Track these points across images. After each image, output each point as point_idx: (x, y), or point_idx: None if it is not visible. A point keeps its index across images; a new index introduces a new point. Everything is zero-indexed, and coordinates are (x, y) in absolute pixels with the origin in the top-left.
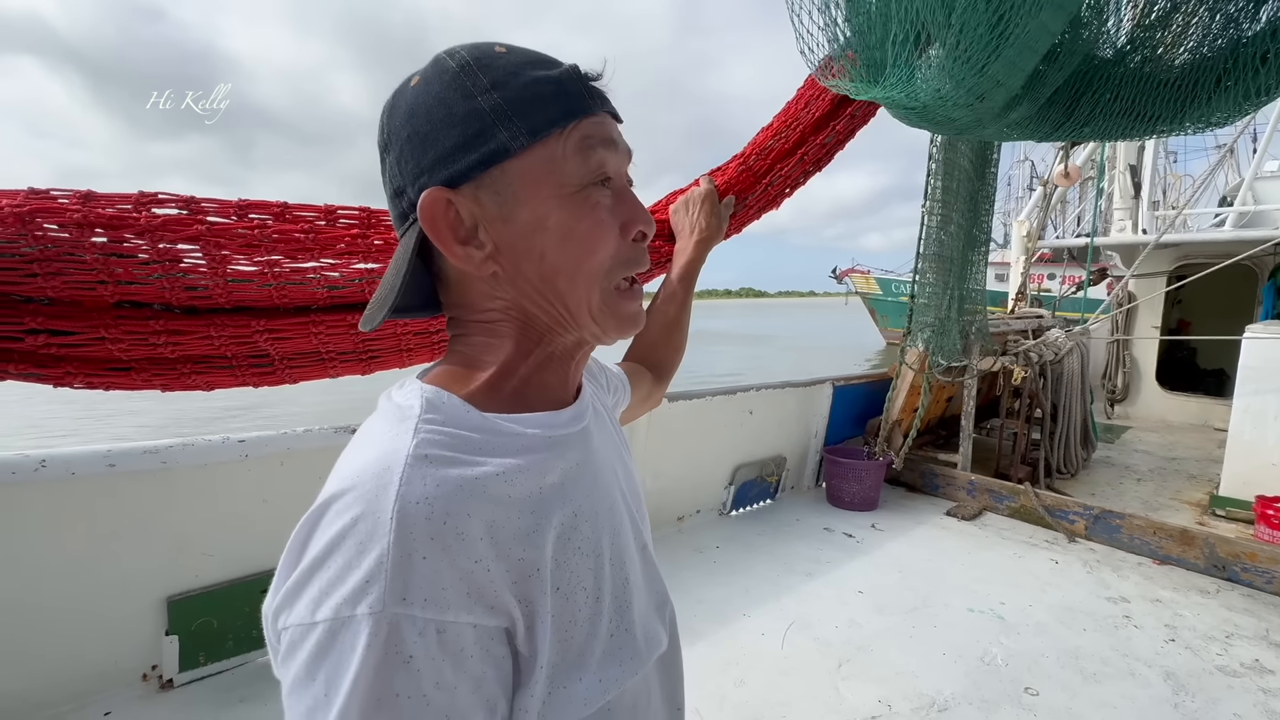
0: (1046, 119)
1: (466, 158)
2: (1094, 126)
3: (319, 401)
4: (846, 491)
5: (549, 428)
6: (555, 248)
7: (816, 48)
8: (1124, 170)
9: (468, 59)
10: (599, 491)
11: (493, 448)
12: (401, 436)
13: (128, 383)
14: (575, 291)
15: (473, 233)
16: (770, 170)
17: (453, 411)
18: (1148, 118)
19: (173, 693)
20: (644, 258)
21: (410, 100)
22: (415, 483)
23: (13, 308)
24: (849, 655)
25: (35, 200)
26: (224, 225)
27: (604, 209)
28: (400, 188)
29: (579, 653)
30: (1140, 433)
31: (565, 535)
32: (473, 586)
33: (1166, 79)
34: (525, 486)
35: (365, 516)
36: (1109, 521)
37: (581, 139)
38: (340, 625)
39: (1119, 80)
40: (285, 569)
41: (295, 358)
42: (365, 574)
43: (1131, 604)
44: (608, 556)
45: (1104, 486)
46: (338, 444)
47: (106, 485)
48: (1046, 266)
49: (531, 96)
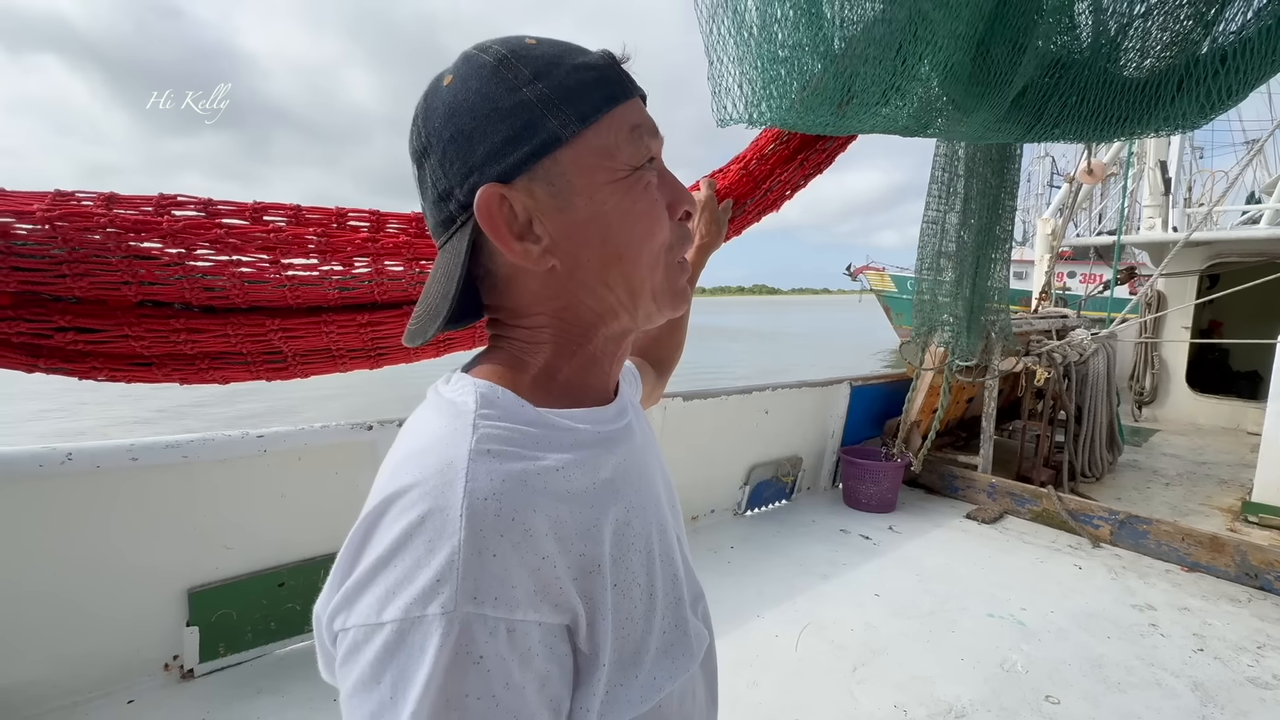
0: (1018, 121)
1: (518, 150)
2: (1065, 128)
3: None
4: (863, 493)
5: (598, 423)
6: (616, 230)
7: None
8: (1154, 167)
9: (504, 52)
10: (644, 487)
11: (549, 443)
12: (460, 431)
13: (149, 377)
14: (638, 272)
15: (528, 227)
16: (770, 175)
17: (508, 406)
18: (1117, 119)
19: (193, 683)
20: (690, 235)
21: (448, 99)
22: (481, 478)
23: (43, 306)
24: (865, 659)
25: (63, 203)
26: (241, 228)
27: (654, 189)
28: (446, 190)
29: (635, 650)
30: (1169, 436)
31: (620, 531)
32: (539, 584)
33: (1132, 82)
34: (582, 481)
35: (434, 513)
36: (1135, 527)
37: (632, 127)
38: (410, 626)
39: (1084, 84)
40: (343, 568)
41: (307, 354)
42: (436, 572)
43: (1158, 612)
44: (657, 552)
45: (1130, 491)
46: (353, 439)
47: (130, 478)
48: (1066, 264)
49: (575, 84)
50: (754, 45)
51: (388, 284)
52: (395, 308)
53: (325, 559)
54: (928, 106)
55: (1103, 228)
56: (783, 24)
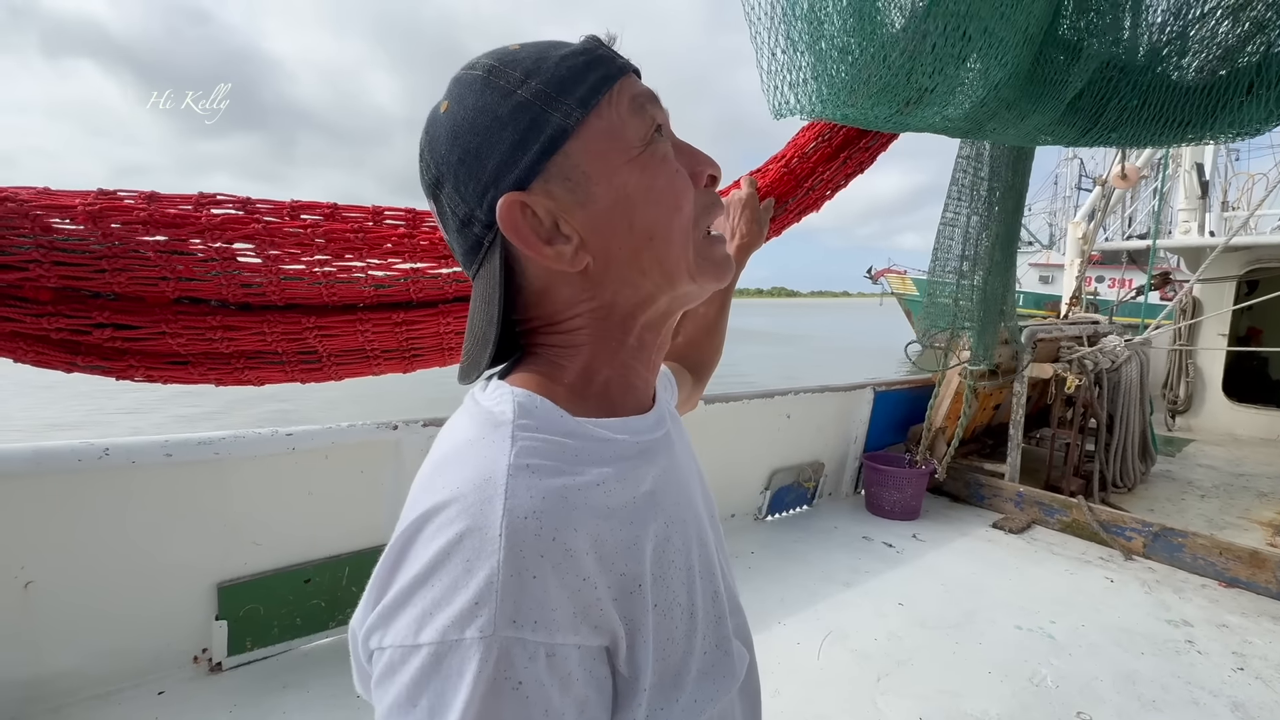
0: (1072, 125)
1: (527, 153)
2: (1122, 133)
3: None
4: (887, 499)
5: (637, 433)
6: (642, 210)
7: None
8: (1190, 169)
9: (490, 63)
10: (684, 499)
11: (589, 455)
12: (499, 444)
13: (185, 376)
14: (671, 250)
15: (555, 229)
16: (812, 173)
17: (546, 417)
18: (1178, 123)
19: (221, 675)
20: (719, 201)
21: (448, 124)
22: (521, 495)
23: (82, 303)
24: (888, 669)
25: (106, 200)
26: (277, 224)
27: (671, 160)
28: (468, 215)
29: (676, 672)
30: (1204, 446)
31: (660, 548)
32: (580, 606)
33: (1196, 85)
34: (622, 496)
35: (471, 532)
36: (1170, 539)
37: (631, 98)
38: (447, 649)
39: (1146, 86)
40: (379, 585)
41: (342, 355)
42: (474, 595)
43: (1195, 628)
44: (698, 568)
45: (1164, 502)
46: (380, 439)
47: (163, 474)
48: (1095, 269)
49: (567, 72)
50: (818, 38)
51: (423, 282)
52: (430, 306)
53: (350, 557)
54: (985, 108)
55: (1133, 231)
56: (844, 16)
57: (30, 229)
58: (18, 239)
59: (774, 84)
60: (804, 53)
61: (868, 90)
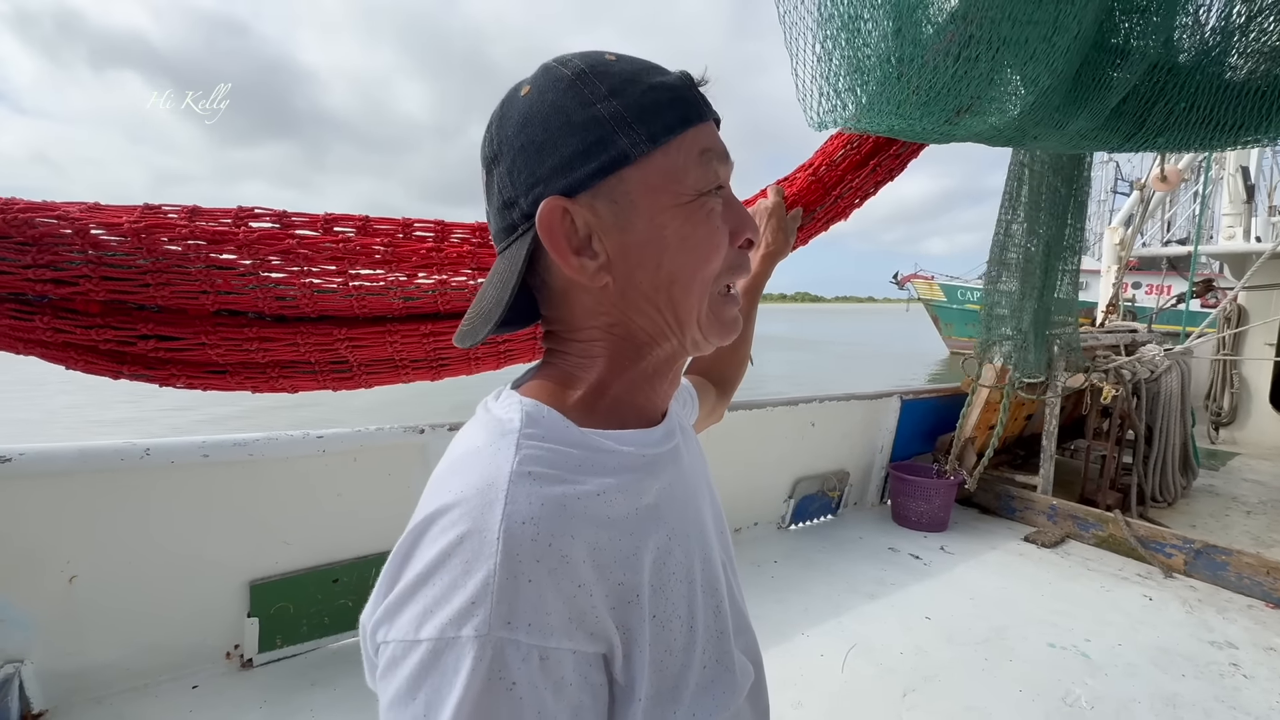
0: (1115, 130)
1: (586, 165)
2: (1169, 137)
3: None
4: (914, 510)
5: (643, 446)
6: (673, 256)
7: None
8: (1235, 173)
9: (582, 67)
10: (690, 514)
11: (592, 465)
12: (504, 451)
13: (223, 384)
14: (688, 299)
15: (586, 243)
16: (840, 181)
17: (552, 426)
18: (1229, 127)
19: (252, 672)
20: (747, 263)
21: (523, 109)
22: (520, 501)
23: (128, 315)
24: (915, 684)
25: (151, 216)
26: (312, 239)
27: (717, 216)
28: (511, 199)
29: (674, 684)
30: (1250, 460)
31: (661, 560)
32: (575, 611)
33: (1248, 87)
34: (623, 507)
35: (471, 535)
36: (1213, 557)
37: (702, 150)
38: (444, 646)
39: (1195, 89)
40: (386, 582)
41: (372, 364)
42: (471, 595)
43: (1240, 651)
44: (700, 583)
45: (1207, 518)
46: (407, 441)
47: (200, 474)
48: (1131, 275)
49: (650, 103)
50: (860, 45)
51: (451, 294)
52: (458, 318)
53: (377, 558)
54: (1031, 115)
55: (1171, 236)
56: (885, 22)
57: (81, 245)
58: (70, 255)
59: (813, 94)
60: (844, 61)
61: (917, 100)
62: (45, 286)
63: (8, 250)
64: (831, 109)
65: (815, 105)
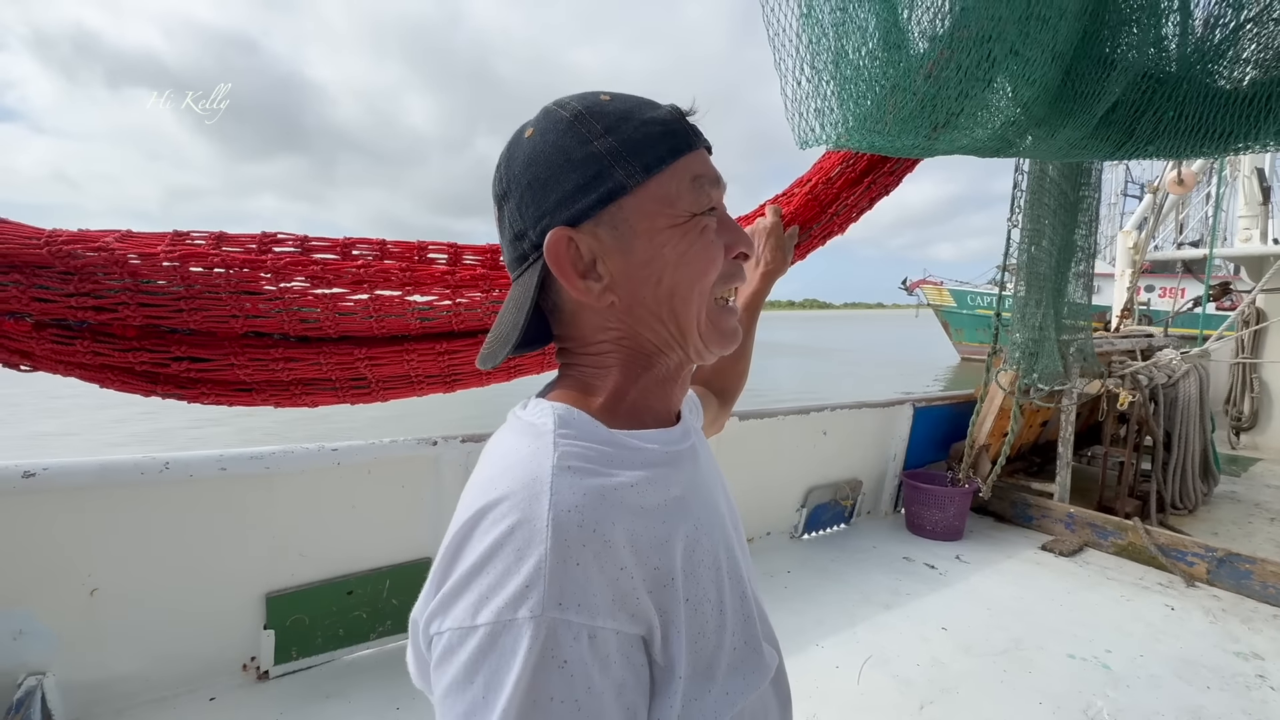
0: (1105, 139)
1: (586, 198)
2: (1159, 145)
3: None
4: (928, 519)
5: (665, 443)
6: (672, 271)
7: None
8: (1250, 175)
9: (579, 108)
10: (710, 505)
11: (622, 460)
12: (543, 450)
13: (249, 401)
14: (689, 310)
15: (591, 266)
16: (836, 199)
17: (584, 426)
18: (1219, 134)
19: (268, 684)
20: (741, 273)
21: (527, 150)
22: (564, 492)
23: (162, 338)
24: (932, 697)
25: (181, 245)
26: (334, 264)
27: (712, 231)
28: (521, 231)
29: (708, 664)
30: (1272, 465)
31: (690, 547)
32: (618, 593)
33: (1236, 94)
34: (654, 498)
35: (522, 524)
36: (1236, 565)
37: (694, 177)
38: (502, 629)
39: (1182, 97)
40: (439, 576)
41: (389, 380)
42: (525, 579)
43: (1266, 662)
44: (725, 570)
45: (1229, 525)
46: (419, 454)
47: (218, 487)
48: (1144, 278)
49: (642, 138)
50: (842, 64)
51: (464, 314)
52: (471, 336)
53: (391, 570)
54: (1013, 126)
55: (1184, 239)
56: (868, 46)
57: (120, 274)
58: (109, 283)
59: (798, 112)
60: (829, 80)
61: (895, 118)
62: (86, 313)
63: (51, 280)
64: (816, 128)
65: (801, 125)
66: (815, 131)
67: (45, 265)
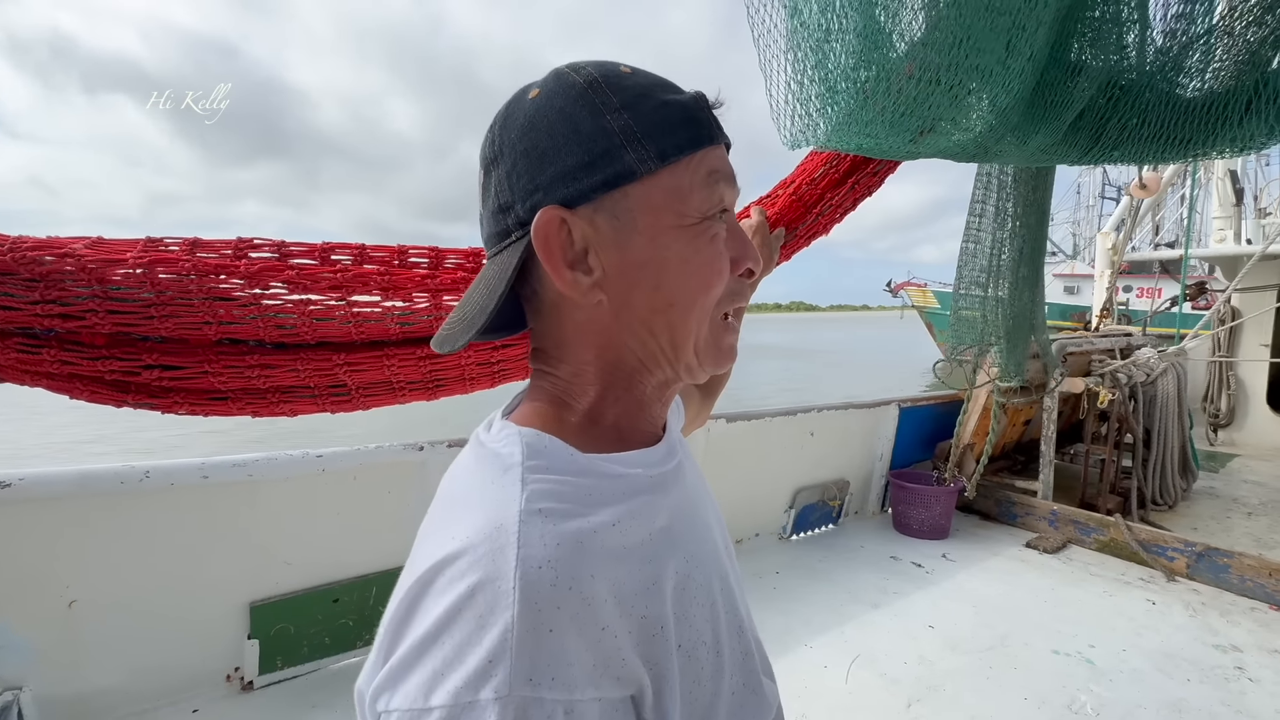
0: (1074, 145)
1: (590, 177)
2: (1124, 151)
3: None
4: (914, 518)
5: (649, 466)
6: (672, 279)
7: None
8: (1223, 177)
9: (596, 75)
10: (701, 532)
11: (602, 494)
12: (508, 488)
13: (225, 410)
14: (686, 324)
15: (582, 256)
16: (820, 199)
17: (556, 456)
18: (1179, 141)
19: (253, 694)
20: (746, 292)
21: (529, 112)
22: (534, 544)
23: (133, 346)
24: (920, 694)
25: (153, 250)
26: (311, 268)
27: (721, 241)
28: (507, 203)
29: (705, 714)
30: (1249, 461)
31: (681, 585)
32: (600, 657)
33: (1196, 103)
34: (638, 534)
35: (483, 586)
36: (1215, 560)
37: (709, 172)
38: (460, 711)
39: (1146, 105)
40: (386, 644)
41: (369, 387)
42: (488, 653)
43: (1244, 654)
44: (721, 604)
45: (1208, 520)
46: (405, 459)
47: (200, 495)
48: (1121, 278)
49: (661, 120)
50: (827, 65)
51: (446, 318)
52: None
53: (377, 577)
54: (992, 132)
55: (1160, 240)
56: (852, 44)
57: (88, 280)
58: (77, 290)
59: (786, 113)
60: (815, 80)
61: (883, 120)
62: (53, 321)
63: (15, 287)
64: (804, 129)
65: (789, 125)
66: (804, 131)
67: (9, 272)
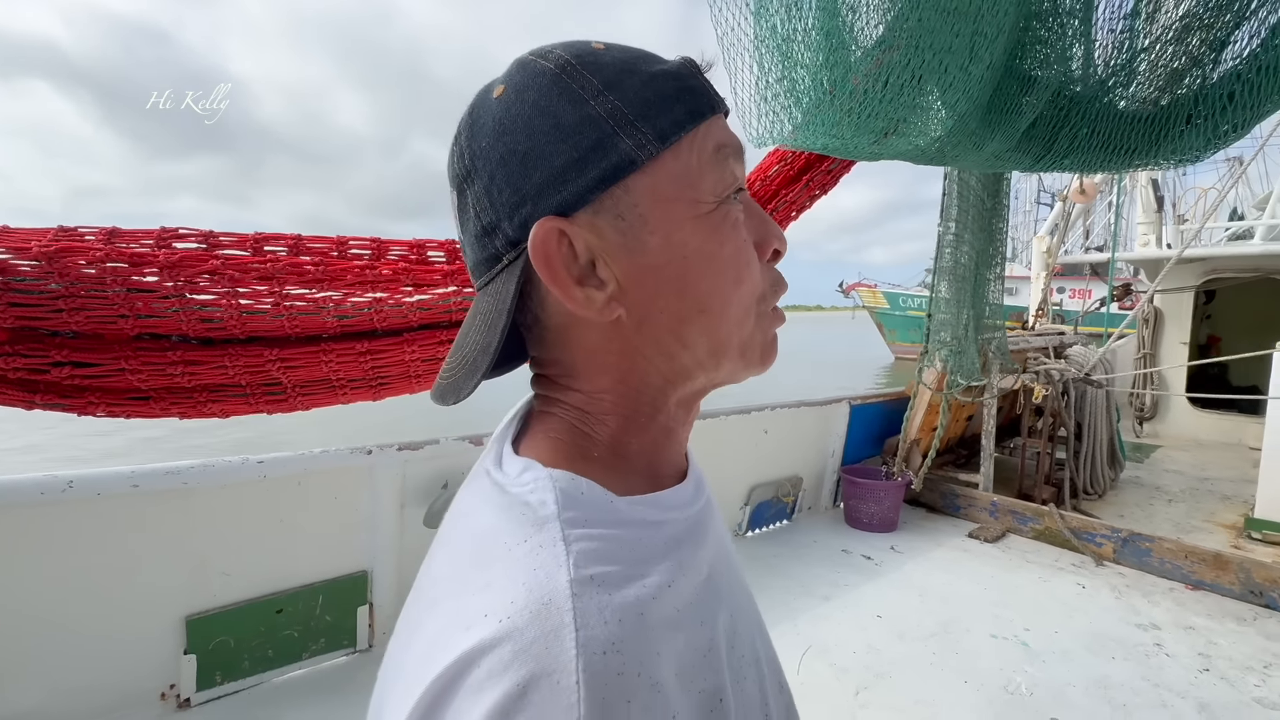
0: (1027, 152)
1: (583, 176)
2: (1074, 159)
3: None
4: (865, 512)
5: (683, 508)
6: (699, 277)
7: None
8: (1146, 185)
9: (567, 58)
10: (733, 574)
11: (648, 548)
12: (548, 549)
13: (147, 411)
14: (725, 325)
15: (590, 270)
16: (775, 195)
17: (595, 504)
18: (1124, 151)
19: (190, 712)
20: (783, 280)
21: (498, 113)
22: (594, 623)
23: (39, 342)
24: (867, 682)
25: (64, 239)
26: (239, 259)
27: (743, 226)
28: (491, 224)
29: None
30: (1170, 452)
31: (731, 644)
32: None
33: (1140, 115)
34: (688, 592)
35: (539, 681)
36: (1138, 545)
37: (717, 146)
38: None
39: (1095, 115)
40: None
41: (307, 385)
42: None
43: (1163, 631)
44: (764, 659)
45: (1133, 508)
46: (352, 464)
47: (130, 505)
48: (1056, 280)
49: (653, 96)
50: (794, 68)
51: (387, 311)
52: (395, 335)
53: (324, 585)
54: (951, 137)
55: (1091, 244)
56: (814, 50)
57: None
58: None
59: (752, 111)
60: (780, 82)
61: (848, 121)
62: None
63: None
64: (770, 126)
65: (755, 123)
66: (769, 130)
67: None
